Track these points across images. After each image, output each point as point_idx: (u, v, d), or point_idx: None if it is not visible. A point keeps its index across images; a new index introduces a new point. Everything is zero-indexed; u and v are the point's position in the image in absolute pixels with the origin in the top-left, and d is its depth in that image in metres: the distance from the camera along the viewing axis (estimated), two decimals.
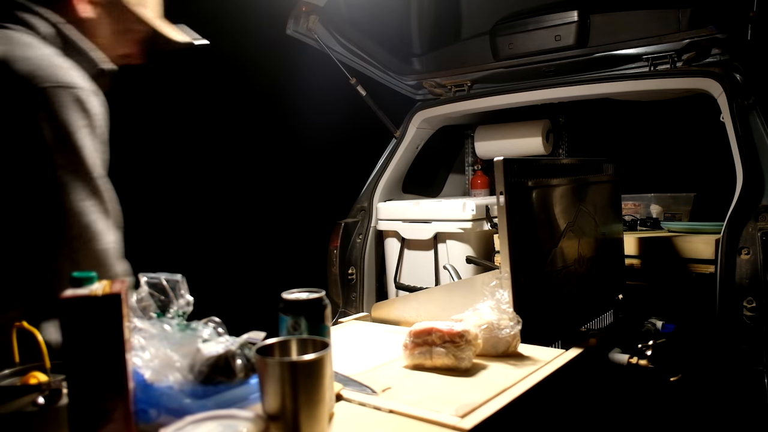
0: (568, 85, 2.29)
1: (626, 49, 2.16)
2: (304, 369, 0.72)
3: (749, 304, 1.65)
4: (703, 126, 2.29)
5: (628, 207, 2.42)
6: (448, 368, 1.06)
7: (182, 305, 0.86)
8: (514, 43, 2.35)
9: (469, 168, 3.22)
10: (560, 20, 2.24)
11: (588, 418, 1.23)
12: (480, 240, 2.34)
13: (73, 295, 0.69)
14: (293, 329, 0.87)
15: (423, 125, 2.70)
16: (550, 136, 2.76)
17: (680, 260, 1.85)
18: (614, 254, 1.74)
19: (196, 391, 0.78)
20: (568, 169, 1.52)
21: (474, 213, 2.28)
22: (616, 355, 1.33)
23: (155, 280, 0.85)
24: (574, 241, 1.46)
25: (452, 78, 2.59)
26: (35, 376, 0.81)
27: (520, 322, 1.13)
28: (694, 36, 2.00)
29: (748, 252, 1.67)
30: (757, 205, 1.71)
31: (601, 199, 1.63)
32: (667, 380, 1.39)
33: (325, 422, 0.75)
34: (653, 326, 1.49)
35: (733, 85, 1.91)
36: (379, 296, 2.60)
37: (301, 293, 0.90)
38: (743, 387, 1.64)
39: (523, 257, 1.25)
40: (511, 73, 2.48)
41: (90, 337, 0.69)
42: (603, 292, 1.61)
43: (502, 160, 1.21)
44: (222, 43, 2.56)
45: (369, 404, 0.91)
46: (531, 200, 1.31)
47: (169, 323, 0.83)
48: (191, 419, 0.70)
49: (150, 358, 0.79)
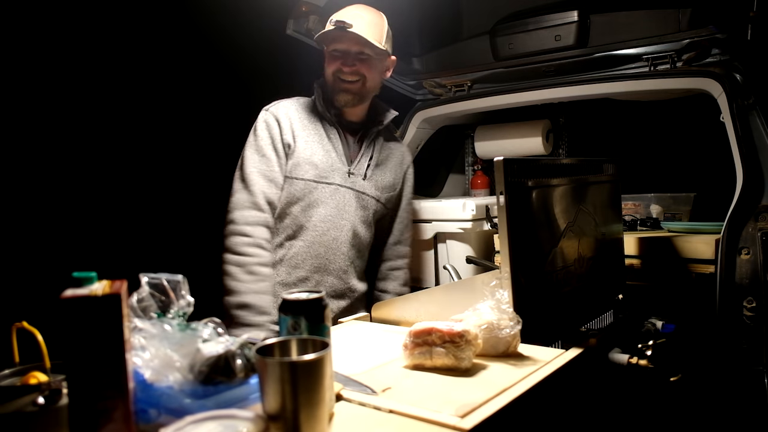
0: (568, 85, 2.29)
1: (626, 49, 2.16)
2: (304, 369, 0.72)
3: (749, 304, 1.65)
4: (703, 126, 2.29)
5: (628, 207, 2.42)
6: (448, 368, 1.06)
7: (183, 306, 0.86)
8: (514, 43, 2.35)
9: (469, 168, 3.22)
10: (560, 20, 2.24)
11: (588, 418, 1.23)
12: (480, 240, 2.34)
13: (73, 295, 0.69)
14: (293, 329, 0.88)
15: (423, 125, 2.70)
16: (550, 136, 2.76)
17: (680, 260, 1.85)
18: (614, 254, 1.74)
19: (196, 391, 0.78)
20: (568, 169, 1.52)
21: (474, 213, 2.29)
22: (616, 355, 1.33)
23: (156, 281, 0.85)
24: (574, 241, 1.46)
25: (452, 78, 2.59)
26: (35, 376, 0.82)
27: (520, 322, 1.13)
28: (694, 36, 2.00)
29: (748, 252, 1.67)
30: (757, 205, 1.71)
31: (601, 199, 1.63)
32: (667, 380, 1.39)
33: (325, 422, 0.75)
34: (653, 326, 1.49)
35: (733, 85, 1.91)
36: None
37: (301, 293, 0.90)
38: (743, 387, 1.64)
39: (523, 257, 1.25)
40: (511, 73, 2.48)
41: (90, 337, 0.69)
42: (603, 292, 1.61)
43: (502, 160, 1.21)
44: (221, 43, 2.57)
45: (369, 404, 0.91)
46: (531, 200, 1.31)
47: (170, 323, 0.83)
48: (191, 419, 0.70)
49: (150, 358, 0.79)
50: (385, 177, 2.05)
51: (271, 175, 1.88)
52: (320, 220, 1.90)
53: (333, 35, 1.87)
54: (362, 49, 1.89)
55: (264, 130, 1.92)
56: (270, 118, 1.93)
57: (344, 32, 1.84)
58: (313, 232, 1.90)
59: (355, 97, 1.93)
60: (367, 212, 2.00)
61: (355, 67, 1.89)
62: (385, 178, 2.05)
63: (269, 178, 1.88)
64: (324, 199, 1.91)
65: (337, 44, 1.90)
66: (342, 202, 1.94)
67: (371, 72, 1.93)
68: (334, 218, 1.92)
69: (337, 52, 1.91)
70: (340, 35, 1.87)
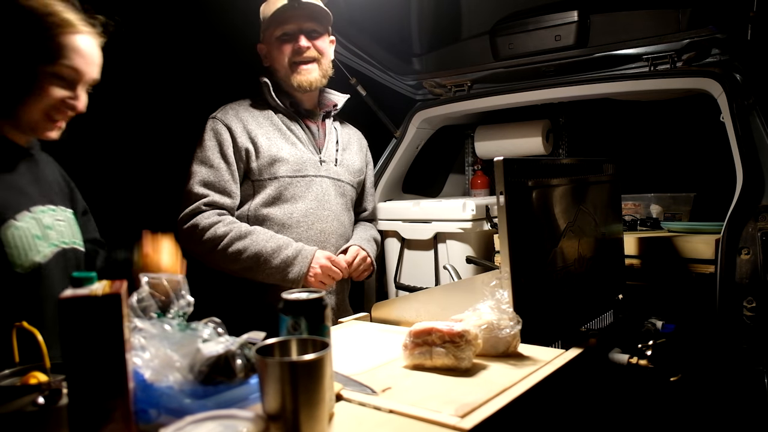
0: (568, 85, 2.29)
1: (626, 49, 2.16)
2: (304, 369, 0.72)
3: (749, 304, 1.65)
4: (703, 126, 2.29)
5: (628, 207, 2.42)
6: (448, 368, 1.06)
7: (183, 306, 0.86)
8: (514, 43, 2.35)
9: (469, 168, 3.22)
10: (560, 20, 2.23)
11: (588, 418, 1.23)
12: (480, 240, 2.34)
13: (73, 295, 0.69)
14: (293, 329, 0.88)
15: (423, 125, 2.70)
16: (550, 136, 2.76)
17: (680, 260, 1.85)
18: (614, 254, 1.74)
19: (196, 391, 0.78)
20: (568, 169, 1.52)
21: (474, 213, 2.29)
22: (616, 355, 1.33)
23: (156, 281, 0.85)
24: (574, 241, 1.46)
25: (452, 78, 2.59)
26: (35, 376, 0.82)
27: (520, 322, 1.13)
28: (694, 36, 1.99)
29: (748, 252, 1.67)
30: (757, 205, 1.71)
31: (601, 199, 1.63)
32: (667, 380, 1.39)
33: (325, 422, 0.75)
34: (653, 326, 1.49)
35: (733, 85, 1.91)
36: (379, 296, 2.60)
37: (301, 293, 0.90)
38: (743, 387, 1.64)
39: (523, 257, 1.25)
40: (511, 73, 2.48)
41: (90, 337, 0.69)
42: (603, 292, 1.61)
43: (502, 160, 1.21)
44: (220, 43, 2.56)
45: (369, 404, 0.91)
46: (531, 200, 1.31)
47: (170, 323, 0.83)
48: (191, 419, 0.70)
49: (150, 358, 0.79)
50: (354, 161, 2.04)
51: (221, 186, 1.80)
52: (302, 215, 1.85)
53: (279, 18, 1.83)
54: (314, 26, 1.87)
55: (211, 139, 1.82)
56: (218, 126, 1.84)
57: (295, 10, 1.81)
58: (297, 229, 1.85)
59: (319, 76, 1.89)
60: (345, 199, 1.99)
61: (312, 42, 1.86)
62: (354, 162, 2.04)
63: (219, 189, 1.80)
64: (301, 194, 1.86)
65: (285, 26, 1.85)
66: (320, 193, 1.89)
67: (326, 49, 1.92)
68: (316, 210, 1.88)
69: (285, 36, 1.86)
70: (287, 16, 1.83)
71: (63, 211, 1.35)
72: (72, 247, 1.34)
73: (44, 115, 1.25)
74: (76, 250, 1.35)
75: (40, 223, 1.26)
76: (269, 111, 1.92)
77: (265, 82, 1.90)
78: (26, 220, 1.23)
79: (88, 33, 1.27)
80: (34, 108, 1.23)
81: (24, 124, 1.26)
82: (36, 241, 1.23)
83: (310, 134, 1.95)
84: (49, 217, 1.29)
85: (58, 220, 1.32)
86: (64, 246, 1.31)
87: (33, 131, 1.28)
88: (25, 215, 1.23)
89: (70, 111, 1.27)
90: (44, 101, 1.22)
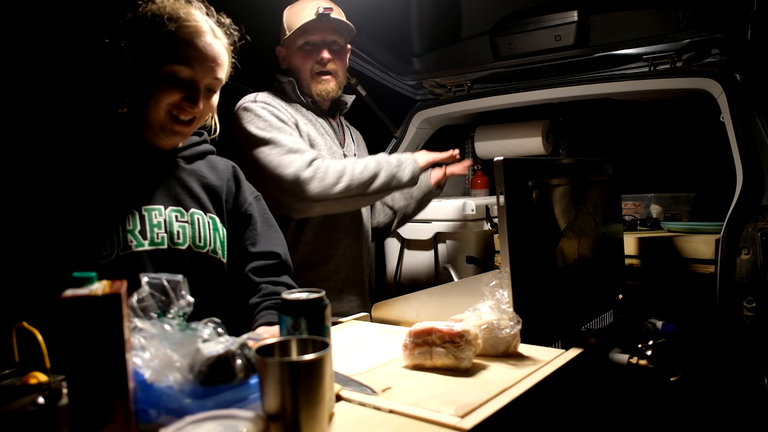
0: (568, 85, 2.29)
1: (626, 49, 2.16)
2: (304, 369, 0.72)
3: (749, 304, 1.65)
4: (703, 126, 2.29)
5: (628, 207, 2.42)
6: (448, 368, 1.06)
7: (183, 306, 0.86)
8: (514, 43, 2.35)
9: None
10: (560, 20, 2.24)
11: (588, 418, 1.23)
12: (480, 240, 2.34)
13: (73, 295, 0.69)
14: (293, 329, 0.88)
15: (423, 125, 2.70)
16: (550, 136, 2.76)
17: (680, 260, 1.85)
18: (614, 254, 1.74)
19: (196, 391, 0.78)
20: (568, 169, 1.52)
21: (474, 213, 2.29)
22: (616, 355, 1.33)
23: (156, 281, 0.85)
24: (574, 241, 1.46)
25: (452, 78, 2.59)
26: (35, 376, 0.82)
27: (520, 322, 1.13)
28: (694, 36, 2.00)
29: (748, 252, 1.67)
30: (757, 205, 1.71)
31: (601, 199, 1.63)
32: (667, 380, 1.39)
33: (325, 422, 0.75)
34: (653, 326, 1.49)
35: (733, 85, 1.91)
36: (379, 296, 2.60)
37: (301, 293, 0.90)
38: (743, 387, 1.64)
39: (523, 257, 1.25)
40: (511, 73, 2.48)
41: (90, 337, 0.69)
42: (603, 292, 1.61)
43: (502, 160, 1.21)
44: None
45: (369, 404, 0.91)
46: (531, 200, 1.31)
47: (170, 323, 0.83)
48: (191, 419, 0.70)
49: (150, 358, 0.79)
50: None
51: (297, 144, 1.74)
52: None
53: (303, 27, 1.84)
54: (336, 38, 1.88)
55: (265, 111, 1.78)
56: (267, 100, 1.82)
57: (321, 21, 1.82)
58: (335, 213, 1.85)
59: (336, 86, 1.92)
60: None
61: (333, 54, 1.88)
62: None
63: (300, 149, 1.74)
64: None
65: (309, 36, 1.86)
66: None
67: (344, 62, 1.95)
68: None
69: (309, 45, 1.87)
70: (313, 26, 1.84)
71: (197, 214, 1.37)
72: (193, 250, 1.34)
73: (168, 115, 1.29)
74: (196, 252, 1.34)
75: (144, 220, 1.28)
76: (297, 104, 1.94)
77: (290, 80, 1.92)
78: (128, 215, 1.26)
79: (208, 33, 1.30)
80: (158, 106, 1.28)
81: (153, 124, 1.31)
82: (128, 235, 1.25)
83: (332, 128, 1.99)
84: (161, 216, 1.30)
85: (181, 221, 1.33)
86: (180, 247, 1.32)
87: (162, 131, 1.32)
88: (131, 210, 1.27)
89: (190, 109, 1.30)
90: (166, 99, 1.27)
